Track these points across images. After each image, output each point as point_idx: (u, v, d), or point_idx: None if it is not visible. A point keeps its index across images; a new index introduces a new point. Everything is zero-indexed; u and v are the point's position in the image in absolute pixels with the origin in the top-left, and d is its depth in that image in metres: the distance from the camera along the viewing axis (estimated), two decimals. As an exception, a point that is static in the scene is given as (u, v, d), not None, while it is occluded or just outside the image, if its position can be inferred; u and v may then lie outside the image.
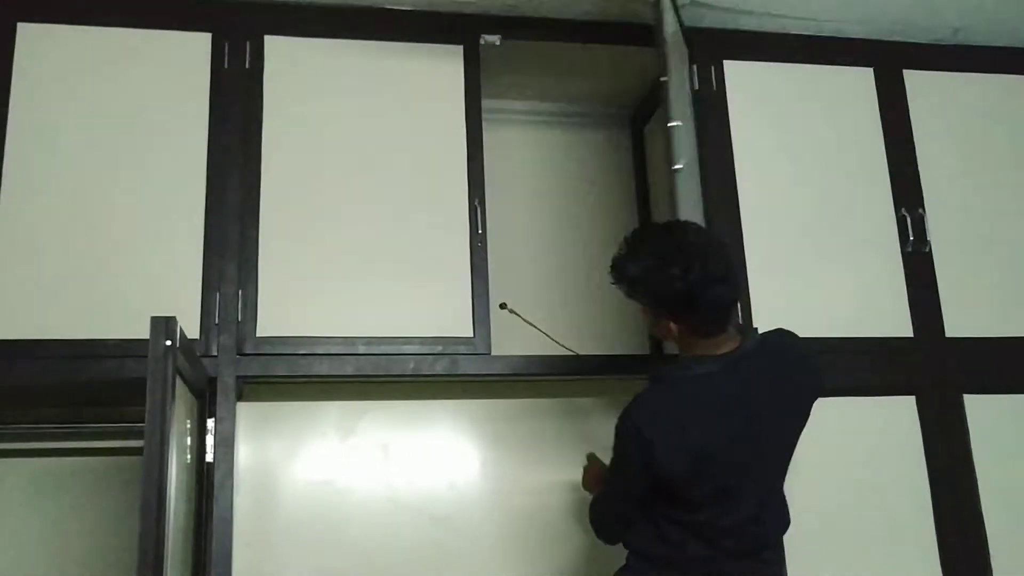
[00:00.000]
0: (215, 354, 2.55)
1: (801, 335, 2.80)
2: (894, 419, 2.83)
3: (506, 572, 2.80)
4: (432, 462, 2.86)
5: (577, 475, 2.77)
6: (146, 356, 2.01)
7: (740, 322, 2.69)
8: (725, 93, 2.97)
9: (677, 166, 2.66)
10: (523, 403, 2.93)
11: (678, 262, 1.97)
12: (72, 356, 2.48)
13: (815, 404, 2.12)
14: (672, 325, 2.03)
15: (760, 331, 2.19)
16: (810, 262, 2.92)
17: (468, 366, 2.67)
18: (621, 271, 2.06)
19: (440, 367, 2.66)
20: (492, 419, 2.92)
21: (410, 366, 2.64)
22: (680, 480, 1.97)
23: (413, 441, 2.87)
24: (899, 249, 2.96)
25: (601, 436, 2.88)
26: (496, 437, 2.91)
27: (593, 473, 2.47)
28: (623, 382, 2.90)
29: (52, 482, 2.91)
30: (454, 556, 2.79)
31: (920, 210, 3.00)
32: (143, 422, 1.98)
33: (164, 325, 2.05)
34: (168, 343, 2.03)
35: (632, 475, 2.03)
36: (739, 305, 2.79)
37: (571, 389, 2.97)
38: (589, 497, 2.49)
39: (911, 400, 2.85)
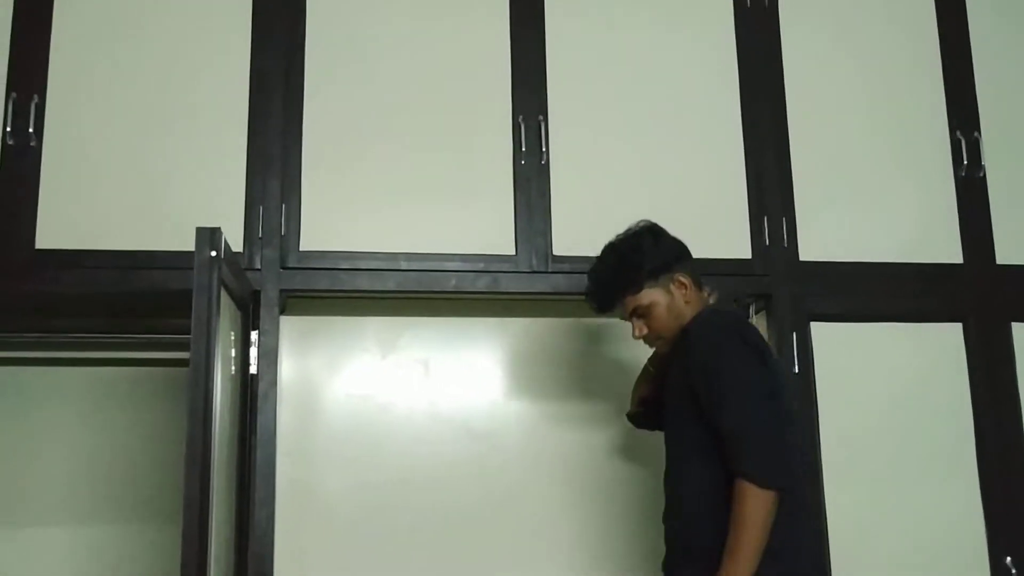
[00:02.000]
0: (259, 268, 2.57)
1: (847, 260, 2.82)
2: (940, 345, 2.81)
3: (545, 488, 2.82)
4: (472, 379, 2.87)
5: (617, 397, 2.80)
6: (191, 268, 2.02)
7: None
8: (777, 7, 2.92)
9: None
10: (565, 322, 2.93)
11: (650, 229, 2.31)
12: (120, 267, 2.51)
13: (857, 330, 2.13)
14: (687, 279, 2.24)
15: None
16: (859, 187, 2.88)
17: (509, 284, 2.67)
18: (639, 269, 2.24)
19: (481, 284, 2.66)
20: (533, 338, 2.92)
21: (451, 283, 2.64)
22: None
23: (454, 358, 2.88)
24: (952, 173, 2.91)
25: (643, 358, 2.89)
26: (537, 356, 2.91)
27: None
28: None
29: (99, 391, 2.98)
30: (494, 472, 2.81)
31: (976, 133, 2.93)
32: (188, 334, 2.00)
33: (209, 236, 2.06)
34: (213, 253, 2.05)
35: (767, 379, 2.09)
36: (786, 230, 2.79)
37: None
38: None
39: (958, 327, 2.82)
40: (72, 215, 2.53)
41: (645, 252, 2.24)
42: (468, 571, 2.74)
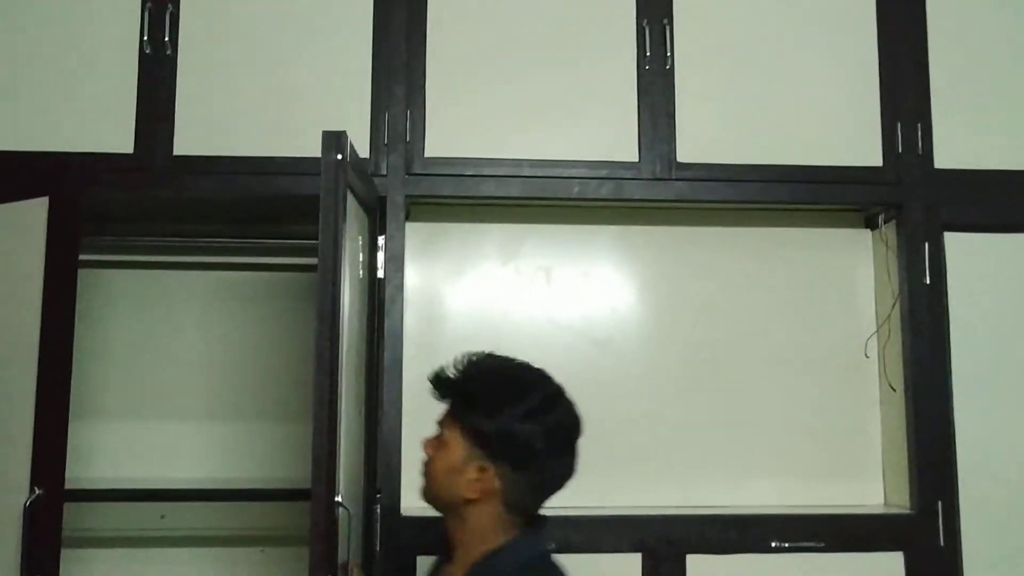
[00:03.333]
0: (384, 174, 2.61)
1: (985, 168, 2.71)
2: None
3: (663, 395, 2.84)
4: (593, 287, 2.88)
5: (734, 305, 2.78)
6: (318, 174, 2.06)
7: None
8: None
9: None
10: (687, 231, 2.90)
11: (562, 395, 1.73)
12: (252, 172, 2.59)
13: (993, 240, 2.02)
14: (501, 483, 1.60)
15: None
16: (1000, 92, 2.76)
17: (632, 191, 2.66)
18: (491, 413, 1.62)
19: (604, 191, 2.65)
20: (654, 246, 2.90)
21: (575, 190, 2.65)
22: None
23: (575, 266, 2.89)
24: (1103, 75, 2.75)
25: (767, 269, 2.85)
26: (658, 264, 2.90)
27: None
28: (807, 214, 2.87)
29: (232, 295, 3.10)
30: (613, 379, 2.84)
31: None
32: (313, 239, 2.05)
33: (336, 139, 2.09)
34: (339, 156, 2.08)
35: None
36: (921, 136, 2.69)
37: (740, 218, 2.91)
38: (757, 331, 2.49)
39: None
40: (207, 122, 2.61)
41: (516, 408, 1.60)
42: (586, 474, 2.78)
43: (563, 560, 1.68)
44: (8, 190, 2.33)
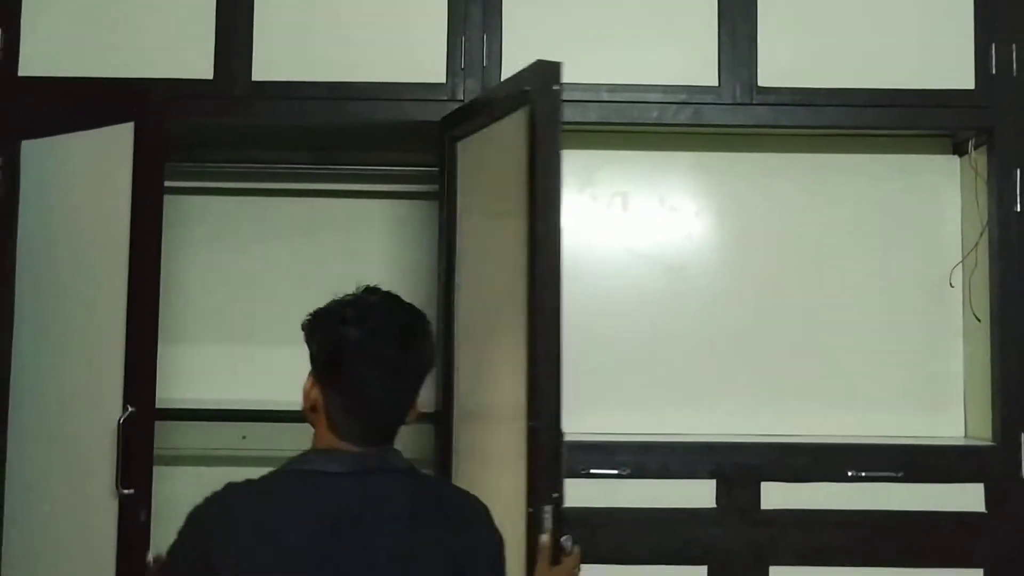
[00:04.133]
0: (461, 99, 2.60)
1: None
2: None
3: (740, 324, 2.81)
4: (669, 214, 2.85)
5: (811, 237, 2.74)
6: (397, 99, 2.03)
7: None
8: None
9: None
10: (767, 158, 2.84)
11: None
12: (330, 98, 2.60)
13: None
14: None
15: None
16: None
17: (712, 116, 2.62)
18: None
19: (683, 116, 2.62)
20: (733, 174, 2.86)
21: (653, 115, 2.62)
22: None
23: (651, 192, 2.85)
24: None
25: (849, 197, 2.80)
26: (737, 192, 2.86)
27: None
28: (892, 139, 2.81)
29: (306, 222, 3.11)
30: (689, 308, 2.82)
31: None
32: (394, 166, 2.03)
33: (552, 69, 2.07)
34: (555, 87, 2.06)
35: None
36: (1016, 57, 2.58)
37: (822, 144, 2.85)
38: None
39: None
40: (285, 48, 2.61)
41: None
42: (662, 402, 2.79)
43: (625, 486, 1.67)
44: (95, 116, 2.36)
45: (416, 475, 1.49)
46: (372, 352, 1.44)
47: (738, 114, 2.62)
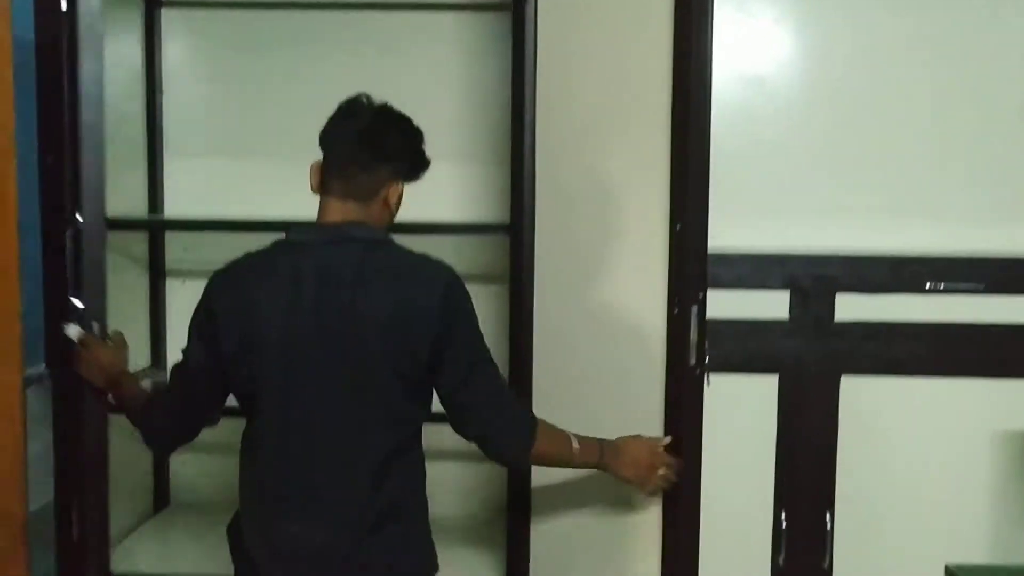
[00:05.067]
0: None
1: None
2: None
3: (817, 134, 2.69)
4: (746, 22, 2.71)
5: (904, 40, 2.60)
6: None
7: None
8: None
9: None
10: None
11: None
12: None
13: None
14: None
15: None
16: None
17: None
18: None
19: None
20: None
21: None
22: None
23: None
24: None
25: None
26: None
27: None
28: None
29: (348, 36, 2.95)
30: (765, 119, 2.69)
31: None
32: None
33: None
34: None
35: None
36: None
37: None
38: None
39: None
40: None
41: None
42: (737, 214, 2.73)
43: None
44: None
45: (379, 245, 1.85)
46: (347, 124, 1.89)
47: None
